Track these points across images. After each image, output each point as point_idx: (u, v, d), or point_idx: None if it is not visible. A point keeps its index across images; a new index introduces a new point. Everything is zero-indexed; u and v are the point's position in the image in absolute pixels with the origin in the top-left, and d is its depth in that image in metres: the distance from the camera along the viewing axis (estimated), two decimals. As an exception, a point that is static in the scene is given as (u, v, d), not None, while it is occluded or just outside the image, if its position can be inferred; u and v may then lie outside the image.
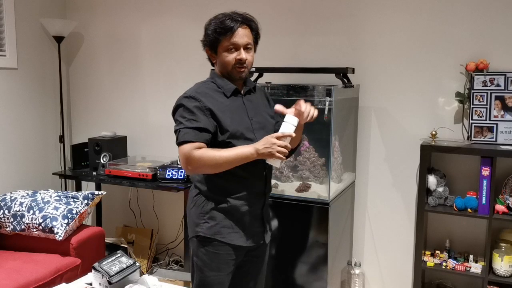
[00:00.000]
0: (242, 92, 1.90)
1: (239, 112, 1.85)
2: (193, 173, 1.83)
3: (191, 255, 1.96)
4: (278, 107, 1.83)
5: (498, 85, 2.56)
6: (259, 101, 1.97)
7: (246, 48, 1.82)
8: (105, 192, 3.06)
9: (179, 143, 1.77)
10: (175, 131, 1.80)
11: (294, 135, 1.76)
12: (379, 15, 2.85)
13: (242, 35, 1.80)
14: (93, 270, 2.21)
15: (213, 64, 1.93)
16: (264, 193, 1.93)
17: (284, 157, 1.72)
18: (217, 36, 1.81)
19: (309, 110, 1.78)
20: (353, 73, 2.84)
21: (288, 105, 1.86)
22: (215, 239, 1.84)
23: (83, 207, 2.86)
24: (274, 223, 2.62)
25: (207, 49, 1.88)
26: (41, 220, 2.73)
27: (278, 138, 1.71)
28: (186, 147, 1.74)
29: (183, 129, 1.76)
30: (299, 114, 1.78)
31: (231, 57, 1.81)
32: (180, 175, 3.02)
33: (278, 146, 1.70)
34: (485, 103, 2.58)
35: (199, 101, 1.78)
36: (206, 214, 1.86)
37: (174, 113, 1.84)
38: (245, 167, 1.78)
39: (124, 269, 2.24)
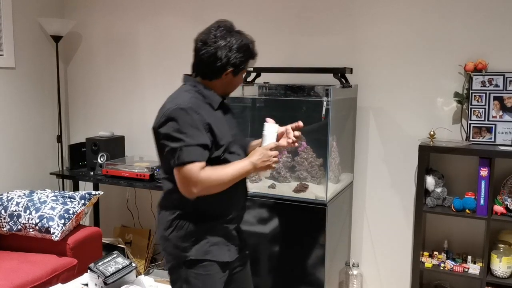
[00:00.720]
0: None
1: (224, 125, 1.76)
2: (196, 196, 1.63)
3: (177, 285, 1.77)
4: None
5: (496, 85, 2.55)
6: (231, 115, 1.89)
7: None
8: (102, 192, 3.05)
9: (183, 163, 1.59)
10: (173, 149, 1.60)
11: (278, 144, 1.76)
12: (378, 15, 2.84)
13: None
14: (89, 270, 2.21)
15: (206, 78, 1.75)
16: (245, 207, 1.88)
17: (276, 167, 1.71)
18: (251, 61, 1.76)
19: (294, 138, 1.79)
20: (351, 73, 2.83)
21: (286, 105, 1.86)
22: (206, 260, 1.72)
23: (80, 207, 2.85)
24: (272, 224, 2.61)
25: (231, 70, 1.71)
26: (37, 220, 2.72)
27: (270, 149, 1.70)
28: (193, 168, 1.58)
29: (186, 147, 1.59)
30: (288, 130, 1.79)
31: None
32: (178, 175, 3.00)
33: (274, 157, 1.70)
34: (483, 103, 2.57)
35: (198, 113, 1.63)
36: (192, 235, 1.71)
37: (162, 126, 1.64)
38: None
39: (120, 269, 2.23)
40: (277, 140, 1.78)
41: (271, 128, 1.76)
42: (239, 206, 1.83)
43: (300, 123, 1.82)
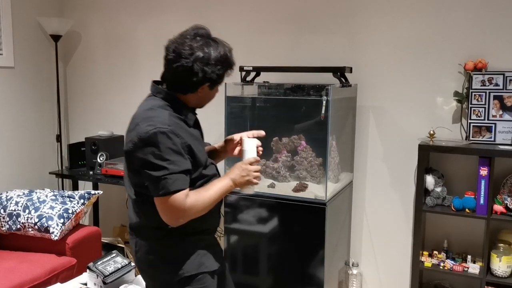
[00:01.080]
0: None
1: (200, 142, 1.70)
2: (180, 224, 1.55)
3: None
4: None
5: (496, 84, 2.55)
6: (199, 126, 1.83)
7: None
8: (101, 192, 3.04)
9: (168, 193, 1.48)
10: (156, 178, 1.48)
11: (259, 159, 1.71)
12: (378, 14, 2.83)
13: None
14: (88, 270, 2.21)
15: (180, 92, 1.62)
16: (220, 215, 1.84)
17: (258, 183, 1.65)
18: (229, 73, 1.64)
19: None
20: (351, 72, 2.83)
21: (285, 104, 1.84)
22: (201, 272, 1.64)
23: (79, 206, 2.85)
24: (272, 223, 2.60)
25: (207, 85, 1.59)
26: (36, 220, 2.71)
27: (251, 163, 1.65)
28: (179, 197, 1.49)
29: (170, 175, 1.47)
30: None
31: None
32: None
33: (254, 172, 1.64)
34: (483, 102, 2.57)
35: (179, 136, 1.52)
36: (181, 252, 1.63)
37: (139, 150, 1.50)
38: None
39: (119, 269, 2.24)
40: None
41: (251, 143, 1.72)
42: (217, 216, 1.78)
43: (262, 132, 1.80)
